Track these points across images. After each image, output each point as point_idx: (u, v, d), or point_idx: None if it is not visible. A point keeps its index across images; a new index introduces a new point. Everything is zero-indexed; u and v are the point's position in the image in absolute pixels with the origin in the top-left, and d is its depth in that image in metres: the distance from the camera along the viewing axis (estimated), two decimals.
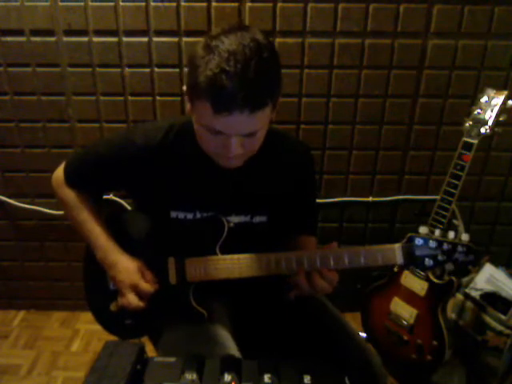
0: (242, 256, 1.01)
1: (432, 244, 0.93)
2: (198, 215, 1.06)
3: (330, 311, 1.14)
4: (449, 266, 1.39)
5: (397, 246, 0.94)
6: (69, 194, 1.10)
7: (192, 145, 0.98)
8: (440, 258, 0.93)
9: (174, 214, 1.06)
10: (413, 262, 0.94)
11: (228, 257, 1.02)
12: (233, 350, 1.01)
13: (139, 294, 1.02)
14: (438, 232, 0.95)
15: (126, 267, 1.04)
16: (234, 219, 1.08)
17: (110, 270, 1.06)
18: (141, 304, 1.01)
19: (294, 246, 1.12)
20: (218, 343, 1.01)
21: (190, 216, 1.06)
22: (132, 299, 1.01)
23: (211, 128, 0.87)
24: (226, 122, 0.84)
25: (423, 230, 0.96)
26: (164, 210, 1.06)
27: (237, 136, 0.87)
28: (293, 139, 1.16)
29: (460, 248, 0.92)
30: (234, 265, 1.01)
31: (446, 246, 0.92)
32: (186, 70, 1.62)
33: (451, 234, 0.94)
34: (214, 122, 0.85)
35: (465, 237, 0.92)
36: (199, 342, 1.02)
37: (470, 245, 0.91)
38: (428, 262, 0.93)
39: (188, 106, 0.93)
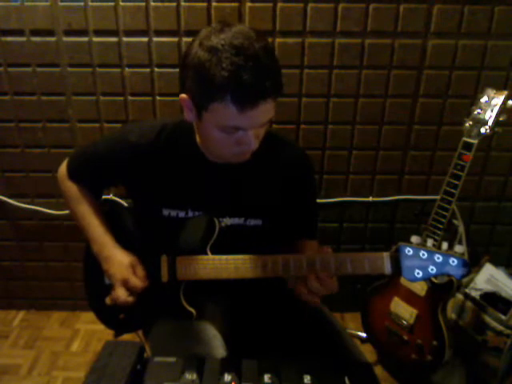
0: (230, 257, 1.00)
1: (423, 255, 0.88)
2: (190, 213, 1.06)
3: (323, 312, 1.14)
4: (440, 279, 1.38)
5: (385, 255, 0.91)
6: (70, 187, 1.13)
7: (186, 144, 0.99)
8: (431, 269, 0.88)
9: (166, 212, 1.07)
10: (401, 272, 0.89)
11: (217, 257, 1.01)
12: (218, 349, 1.01)
13: (129, 288, 1.02)
14: (430, 242, 0.90)
15: (119, 261, 1.04)
16: (228, 221, 1.07)
17: (104, 263, 1.07)
18: (129, 299, 1.01)
19: (294, 250, 1.10)
20: (204, 342, 1.02)
21: (181, 214, 1.06)
22: (121, 293, 1.01)
23: (232, 128, 0.86)
24: (251, 116, 0.83)
25: (415, 239, 0.91)
26: (156, 208, 1.07)
27: (254, 128, 0.87)
28: (288, 140, 1.15)
29: (453, 260, 0.87)
30: (222, 266, 1.00)
31: (437, 258, 0.87)
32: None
33: (444, 245, 0.90)
34: (238, 121, 0.84)
35: (459, 248, 0.88)
36: (185, 340, 1.03)
37: (464, 257, 0.87)
38: (418, 273, 0.88)
39: (190, 114, 0.91)
